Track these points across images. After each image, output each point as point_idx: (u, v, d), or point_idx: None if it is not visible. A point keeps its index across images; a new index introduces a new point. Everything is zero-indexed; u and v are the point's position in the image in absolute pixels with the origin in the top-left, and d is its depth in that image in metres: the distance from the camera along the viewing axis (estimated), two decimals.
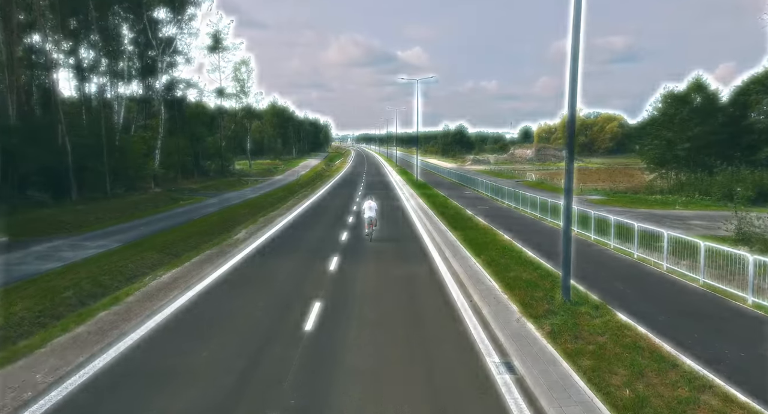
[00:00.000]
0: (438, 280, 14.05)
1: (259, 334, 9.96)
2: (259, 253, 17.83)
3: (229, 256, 17.14)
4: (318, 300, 11.90)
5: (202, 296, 12.40)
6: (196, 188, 51.70)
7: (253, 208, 35.58)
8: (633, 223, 17.77)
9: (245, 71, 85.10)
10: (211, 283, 13.56)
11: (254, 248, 18.68)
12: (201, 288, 13.11)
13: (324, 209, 31.72)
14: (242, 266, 15.77)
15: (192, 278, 14.15)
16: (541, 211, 26.67)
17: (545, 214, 26.06)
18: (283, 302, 12.05)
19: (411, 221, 25.94)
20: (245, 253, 17.82)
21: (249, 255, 17.48)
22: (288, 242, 19.98)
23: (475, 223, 23.91)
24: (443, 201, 34.48)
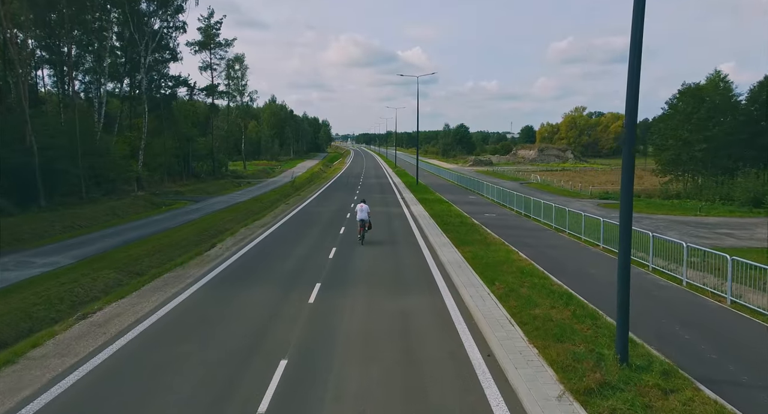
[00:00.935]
0: (444, 321, 11.03)
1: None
2: (225, 278, 14.78)
3: (188, 282, 14.10)
4: (284, 357, 8.87)
5: (121, 358, 9.20)
6: (183, 191, 48.70)
7: (237, 215, 32.67)
8: (681, 242, 14.72)
9: (239, 69, 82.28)
10: (146, 330, 10.45)
11: (223, 270, 15.65)
12: (129, 340, 9.91)
13: (314, 217, 28.72)
14: (198, 299, 12.72)
15: (128, 317, 11.11)
16: (557, 221, 23.63)
17: (562, 225, 23.03)
18: (231, 372, 8.39)
19: (411, 233, 22.91)
20: (209, 277, 14.78)
21: (213, 281, 14.45)
22: (265, 261, 16.96)
23: (483, 236, 20.87)
24: (446, 208, 31.45)
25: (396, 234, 22.76)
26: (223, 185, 60.01)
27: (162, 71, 54.78)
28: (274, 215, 29.99)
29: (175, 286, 13.53)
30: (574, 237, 21.15)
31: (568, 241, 20.67)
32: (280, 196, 46.32)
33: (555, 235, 22.26)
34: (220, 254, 18.16)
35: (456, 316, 11.22)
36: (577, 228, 21.42)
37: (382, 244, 20.23)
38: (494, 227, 23.56)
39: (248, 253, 18.39)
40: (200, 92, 64.49)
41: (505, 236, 20.90)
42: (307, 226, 24.93)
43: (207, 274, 15.06)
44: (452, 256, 17.22)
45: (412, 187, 48.15)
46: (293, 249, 18.98)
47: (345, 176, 71.52)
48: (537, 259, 16.60)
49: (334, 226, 24.89)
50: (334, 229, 23.72)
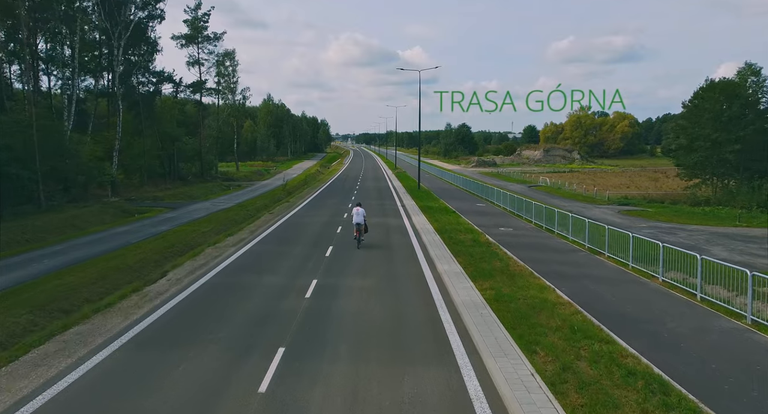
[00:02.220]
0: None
1: None
2: (149, 341, 10.42)
3: (91, 348, 9.80)
4: None
5: None
6: (162, 197, 44.46)
7: (214, 226, 28.48)
8: (744, 269, 10.58)
9: (230, 65, 78.00)
10: None
11: (153, 322, 11.37)
12: None
13: (299, 231, 24.51)
14: (87, 390, 8.49)
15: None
16: (592, 240, 19.33)
17: (598, 245, 18.77)
18: None
19: (413, 255, 18.66)
20: (127, 337, 10.45)
21: (128, 346, 10.15)
22: (217, 305, 12.72)
23: (504, 262, 16.61)
24: (453, 220, 27.19)
25: (395, 257, 18.50)
26: (210, 189, 55.80)
27: (142, 65, 50.55)
28: (253, 228, 25.75)
29: (64, 359, 9.22)
30: (618, 262, 16.88)
31: (613, 269, 16.36)
32: (269, 202, 42.13)
33: (592, 258, 17.97)
34: (164, 290, 13.91)
35: None
36: (618, 249, 17.21)
37: (377, 270, 16.02)
38: (514, 247, 19.29)
39: (201, 289, 14.12)
40: (187, 89, 60.19)
41: (531, 261, 16.66)
42: (287, 245, 20.67)
43: (128, 330, 10.77)
44: (468, 296, 12.97)
45: (414, 192, 43.88)
46: (260, 282, 14.73)
47: (341, 179, 67.28)
48: (583, 300, 12.37)
49: (321, 245, 20.63)
50: (320, 250, 19.47)
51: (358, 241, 19.99)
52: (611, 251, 17.69)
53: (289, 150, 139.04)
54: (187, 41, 61.59)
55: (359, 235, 19.98)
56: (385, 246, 20.49)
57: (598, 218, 34.84)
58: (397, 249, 19.91)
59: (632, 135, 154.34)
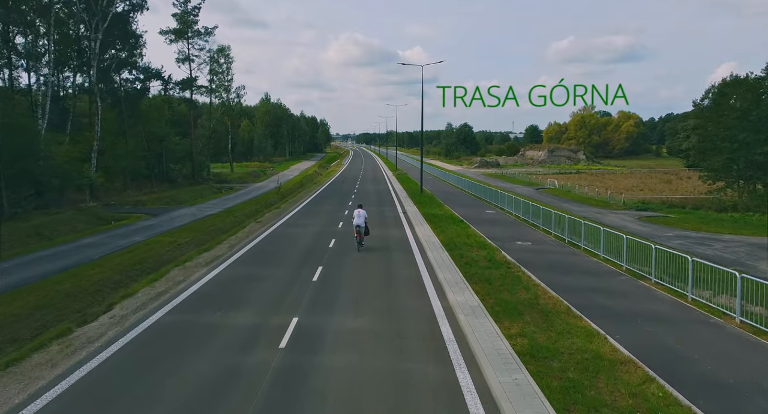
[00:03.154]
0: None
1: None
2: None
3: None
4: None
5: None
6: (145, 201, 41.32)
7: (193, 237, 25.44)
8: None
9: (224, 62, 74.85)
10: None
11: (63, 392, 8.24)
12: None
13: (287, 245, 21.36)
14: None
15: None
16: (632, 259, 16.15)
17: (640, 265, 15.62)
18: None
19: (418, 279, 15.47)
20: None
21: None
22: (164, 361, 9.57)
23: (531, 293, 13.40)
24: (462, 231, 24.00)
25: (396, 281, 15.32)
26: (200, 192, 52.68)
27: (126, 61, 47.39)
28: (234, 241, 22.59)
29: None
30: (671, 292, 13.68)
31: (668, 301, 13.10)
32: (260, 207, 39.03)
33: (636, 285, 14.75)
34: (98, 336, 10.74)
35: None
36: (665, 271, 14.06)
37: (374, 302, 12.86)
38: (539, 269, 16.12)
39: (144, 334, 10.90)
40: (176, 86, 57.01)
41: (564, 290, 13.49)
42: (269, 265, 17.50)
43: (39, 399, 7.64)
44: (493, 346, 9.79)
45: (416, 196, 40.67)
46: (223, 323, 11.53)
47: (339, 181, 64.11)
48: (649, 355, 9.19)
49: (309, 264, 17.47)
50: (307, 271, 16.31)
51: (359, 243, 19.73)
52: (660, 276, 14.52)
53: (287, 150, 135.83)
54: (176, 36, 58.42)
55: (360, 237, 19.72)
56: (384, 265, 17.33)
57: (618, 226, 31.69)
58: (399, 269, 16.74)
59: (637, 135, 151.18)
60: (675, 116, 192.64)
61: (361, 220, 19.85)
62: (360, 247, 19.66)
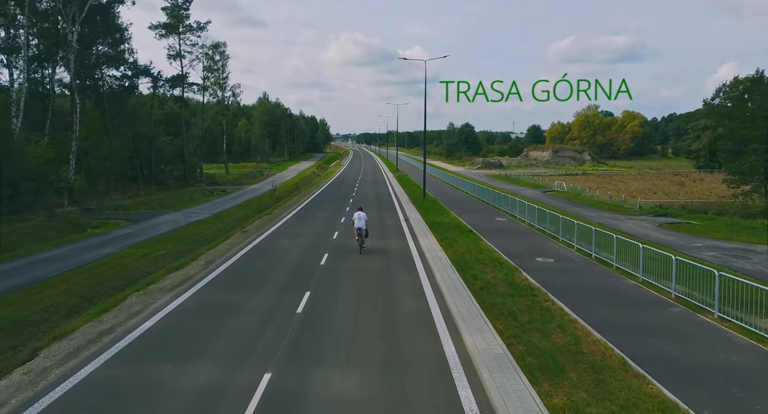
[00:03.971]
0: None
1: None
2: None
3: None
4: None
5: None
6: (128, 205, 38.54)
7: (171, 248, 22.81)
8: None
9: (219, 59, 72.17)
10: None
11: None
12: None
13: (273, 260, 18.59)
14: None
15: None
16: (680, 282, 13.39)
17: (691, 290, 12.86)
18: None
19: (426, 314, 12.65)
20: None
21: None
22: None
23: (571, 335, 10.60)
24: (472, 244, 21.17)
25: (398, 313, 12.54)
26: (190, 195, 49.94)
27: (111, 56, 44.67)
28: (213, 256, 19.80)
29: None
30: (749, 333, 10.88)
31: (747, 348, 10.28)
32: (251, 212, 36.33)
33: (697, 321, 11.92)
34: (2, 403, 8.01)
35: None
36: (729, 301, 11.31)
37: (372, 346, 10.13)
38: (572, 298, 13.32)
39: (63, 401, 8.18)
40: (166, 84, 54.21)
41: (610, 331, 10.71)
42: (247, 289, 14.72)
43: None
44: None
45: (418, 201, 37.84)
46: (169, 386, 8.74)
47: (338, 183, 61.35)
48: None
49: (295, 287, 14.70)
50: (292, 298, 13.54)
51: (360, 246, 19.76)
52: (723, 308, 11.73)
53: (285, 150, 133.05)
54: (167, 31, 55.64)
55: (361, 240, 19.76)
56: (384, 290, 14.55)
57: (639, 234, 28.91)
58: (401, 297, 13.97)
59: (642, 135, 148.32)
60: (678, 116, 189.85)
61: (362, 223, 19.80)
62: (362, 249, 19.66)
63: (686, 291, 13.23)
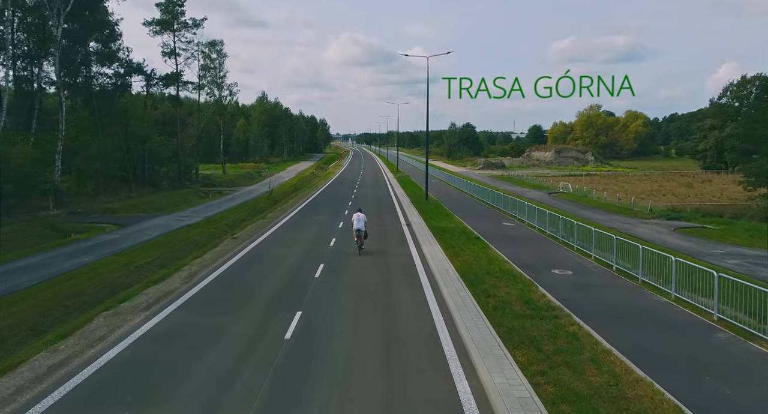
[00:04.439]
0: None
1: None
2: None
3: None
4: None
5: None
6: (117, 208, 36.92)
7: (157, 256, 21.28)
8: None
9: (216, 58, 70.55)
10: None
11: None
12: None
13: (263, 272, 16.95)
14: None
15: None
16: (723, 301, 11.74)
17: (733, 309, 11.22)
18: None
19: (434, 341, 10.96)
20: None
21: None
22: None
23: (608, 373, 8.90)
24: (480, 252, 19.48)
25: (402, 342, 10.87)
26: (184, 196, 48.30)
27: (101, 53, 43.06)
28: (197, 268, 18.14)
29: None
30: None
31: None
32: (246, 215, 34.73)
33: (756, 353, 10.24)
34: None
35: None
36: None
37: (369, 385, 8.48)
38: (601, 321, 11.65)
39: None
40: (160, 82, 52.55)
41: (654, 369, 9.06)
42: (230, 311, 13.07)
43: None
44: None
45: (420, 204, 36.16)
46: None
47: (337, 184, 59.73)
48: None
49: (284, 306, 13.05)
50: (279, 322, 11.87)
51: (360, 247, 19.76)
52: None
53: (284, 151, 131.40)
54: (161, 28, 54.00)
55: (360, 241, 19.74)
56: (385, 308, 12.90)
57: (653, 240, 27.28)
58: (405, 318, 12.30)
59: (645, 135, 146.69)
60: (681, 116, 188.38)
61: (361, 224, 19.76)
62: (360, 250, 19.63)
63: (731, 313, 11.57)
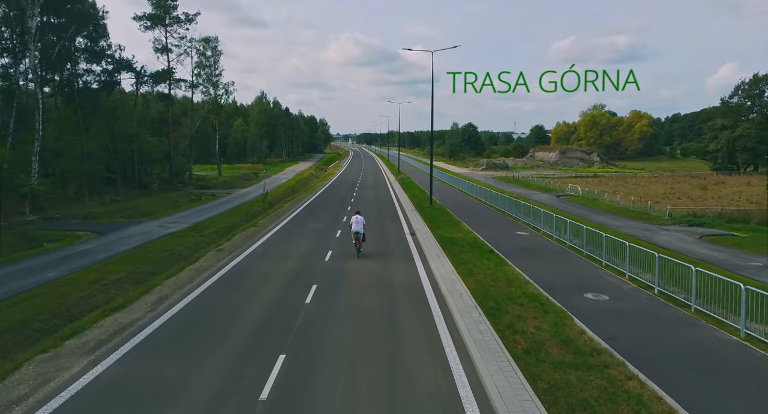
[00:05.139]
0: None
1: None
2: None
3: None
4: None
5: None
6: (98, 213, 34.44)
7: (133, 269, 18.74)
8: None
9: (211, 55, 68.14)
10: None
11: None
12: None
13: (245, 295, 14.45)
14: None
15: None
16: None
17: None
18: None
19: (453, 400, 8.57)
20: None
21: None
22: None
23: None
24: (498, 270, 16.93)
25: (407, 405, 8.41)
26: (175, 200, 45.84)
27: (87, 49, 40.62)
28: (167, 290, 15.63)
29: None
30: None
31: None
32: (237, 221, 32.32)
33: None
34: None
35: None
36: None
37: None
38: (665, 373, 9.14)
39: None
40: (150, 79, 50.02)
41: None
42: (195, 355, 10.56)
43: None
44: None
45: (425, 209, 33.56)
46: None
47: (335, 186, 57.22)
48: None
49: (265, 348, 10.55)
50: (258, 368, 9.38)
51: (358, 250, 19.57)
52: None
53: (283, 151, 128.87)
54: (152, 23, 51.52)
55: (359, 244, 19.55)
56: (389, 355, 10.41)
57: (679, 249, 24.75)
58: (415, 366, 9.79)
59: (651, 135, 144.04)
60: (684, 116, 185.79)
61: (360, 227, 19.59)
62: (359, 253, 19.45)
63: None
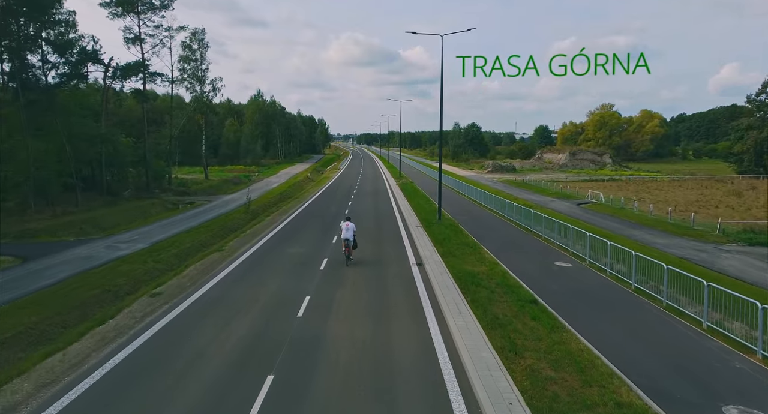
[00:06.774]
0: None
1: None
2: None
3: None
4: None
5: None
6: (40, 229, 28.80)
7: (38, 319, 13.12)
8: None
9: (198, 48, 62.66)
10: None
11: None
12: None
13: (169, 383, 8.79)
14: None
15: None
16: None
17: None
18: None
19: None
20: None
21: None
22: None
23: None
24: (557, 344, 11.24)
25: None
26: (146, 209, 40.30)
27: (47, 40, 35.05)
28: (75, 358, 9.98)
29: None
30: None
31: None
32: (207, 238, 26.95)
33: None
34: None
35: None
36: None
37: None
38: None
39: None
40: (119, 72, 44.27)
41: None
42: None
43: None
44: None
45: (432, 227, 27.62)
46: None
47: (330, 193, 51.50)
48: None
49: None
50: None
51: (347, 258, 18.79)
52: None
53: (279, 152, 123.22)
54: (122, 9, 45.87)
55: (348, 252, 18.78)
56: None
57: (756, 281, 19.24)
58: None
59: (662, 136, 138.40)
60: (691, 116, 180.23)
61: (350, 234, 18.88)
62: (348, 261, 18.67)
63: None
